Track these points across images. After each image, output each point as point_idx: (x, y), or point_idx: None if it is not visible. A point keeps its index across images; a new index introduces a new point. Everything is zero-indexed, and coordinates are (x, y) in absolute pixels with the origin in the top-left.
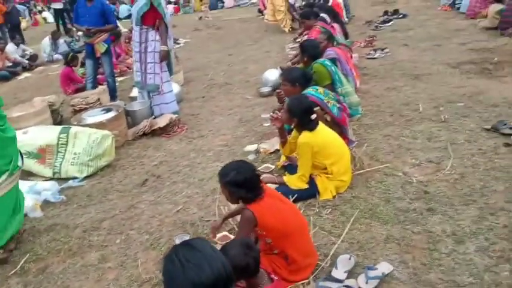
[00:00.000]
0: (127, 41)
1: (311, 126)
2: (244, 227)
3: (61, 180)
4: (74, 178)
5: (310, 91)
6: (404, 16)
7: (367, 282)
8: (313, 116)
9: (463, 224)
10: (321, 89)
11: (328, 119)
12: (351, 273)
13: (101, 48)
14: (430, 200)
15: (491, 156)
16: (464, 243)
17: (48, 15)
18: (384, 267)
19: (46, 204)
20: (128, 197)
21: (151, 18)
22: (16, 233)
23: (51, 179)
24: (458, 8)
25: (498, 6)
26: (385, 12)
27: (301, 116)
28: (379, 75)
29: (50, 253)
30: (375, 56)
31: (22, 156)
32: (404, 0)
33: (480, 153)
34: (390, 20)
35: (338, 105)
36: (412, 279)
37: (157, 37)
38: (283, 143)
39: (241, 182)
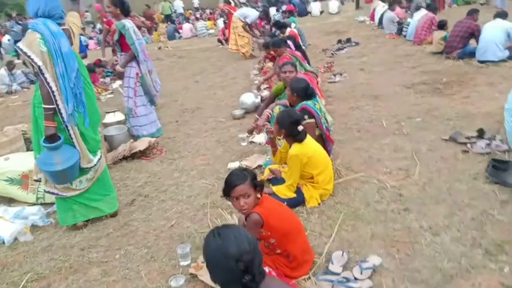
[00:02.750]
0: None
1: (300, 137)
2: (252, 229)
3: (45, 205)
4: None
5: (309, 103)
6: (357, 44)
7: (361, 273)
8: (300, 128)
9: (436, 219)
10: (318, 105)
11: (317, 133)
12: (346, 267)
13: None
14: (405, 201)
15: (452, 162)
16: (440, 235)
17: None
18: (374, 260)
19: (34, 228)
20: (118, 216)
21: (127, 45)
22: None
23: (34, 204)
24: (404, 36)
25: (442, 33)
26: (339, 41)
27: (289, 128)
28: (341, 96)
29: (50, 271)
30: (335, 80)
31: None
32: (354, 29)
33: (442, 160)
34: (344, 48)
35: (326, 123)
36: (399, 268)
37: (134, 63)
38: (274, 151)
39: (256, 175)
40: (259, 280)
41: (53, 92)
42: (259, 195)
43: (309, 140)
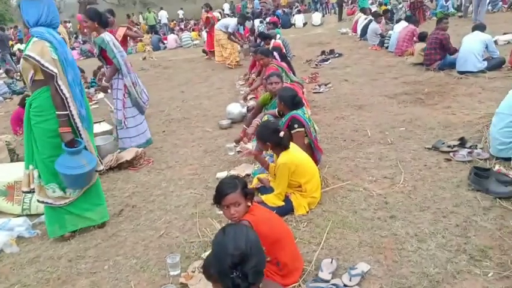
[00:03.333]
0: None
1: (284, 143)
2: None
3: (31, 216)
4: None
5: (299, 112)
6: (340, 55)
7: (350, 280)
8: (282, 134)
9: (422, 226)
10: (307, 114)
11: (306, 141)
12: (335, 274)
13: None
14: (391, 209)
15: (435, 170)
16: (426, 242)
17: None
18: (362, 267)
19: (20, 239)
20: (106, 227)
21: (110, 58)
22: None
23: (19, 215)
24: (386, 47)
25: (422, 45)
26: (323, 52)
27: (272, 138)
28: (326, 106)
29: (38, 283)
30: (320, 91)
31: None
32: (337, 41)
33: (426, 168)
34: (328, 59)
35: (315, 132)
36: (387, 274)
37: (120, 75)
38: (267, 168)
39: (246, 183)
40: (253, 281)
41: (66, 98)
42: (249, 204)
43: (296, 149)
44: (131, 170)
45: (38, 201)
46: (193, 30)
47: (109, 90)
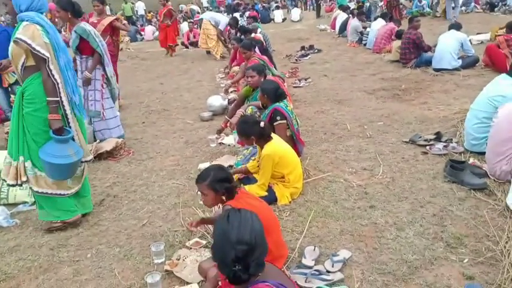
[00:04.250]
0: None
1: (267, 133)
2: None
3: (9, 205)
4: (24, 203)
5: (281, 105)
6: (319, 51)
7: (333, 266)
8: (262, 124)
9: (400, 215)
10: (290, 107)
11: (288, 134)
12: (318, 261)
13: (10, 78)
14: (371, 199)
15: (413, 163)
16: (404, 230)
17: None
18: (344, 254)
19: None
20: (87, 216)
21: (88, 48)
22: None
23: None
24: (365, 44)
25: (399, 43)
26: (302, 48)
27: (254, 130)
28: (307, 100)
29: (20, 271)
30: (300, 85)
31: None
32: (316, 37)
33: (403, 161)
34: (308, 54)
35: (297, 125)
36: (368, 260)
37: (99, 65)
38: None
39: (224, 177)
40: (254, 272)
41: (57, 83)
42: (223, 197)
43: (279, 141)
44: (111, 160)
45: (38, 192)
46: None
47: None
